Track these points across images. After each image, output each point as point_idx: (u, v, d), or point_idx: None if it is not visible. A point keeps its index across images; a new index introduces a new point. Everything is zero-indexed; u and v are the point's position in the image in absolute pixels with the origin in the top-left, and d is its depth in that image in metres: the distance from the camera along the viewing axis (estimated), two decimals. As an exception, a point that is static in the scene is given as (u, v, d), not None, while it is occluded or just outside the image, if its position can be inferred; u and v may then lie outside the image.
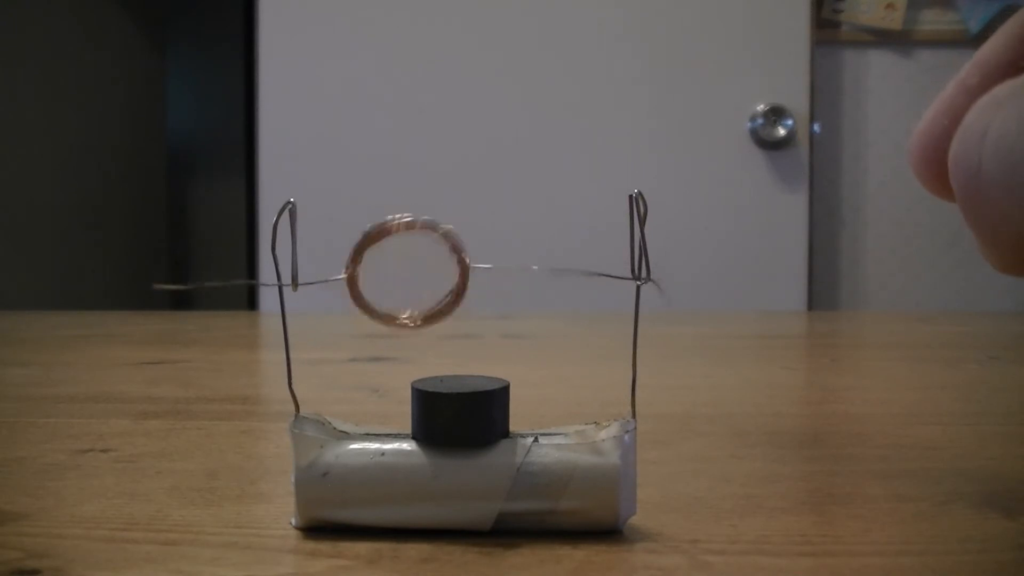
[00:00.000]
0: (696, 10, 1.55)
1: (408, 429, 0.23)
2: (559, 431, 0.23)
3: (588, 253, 1.41)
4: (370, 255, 0.22)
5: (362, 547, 0.22)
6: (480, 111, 1.56)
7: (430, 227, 0.22)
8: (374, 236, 0.22)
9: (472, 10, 1.56)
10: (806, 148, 1.56)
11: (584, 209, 1.51)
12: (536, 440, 0.22)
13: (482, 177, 1.56)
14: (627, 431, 0.22)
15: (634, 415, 0.23)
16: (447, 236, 0.22)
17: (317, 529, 0.23)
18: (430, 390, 0.22)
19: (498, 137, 1.56)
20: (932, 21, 1.65)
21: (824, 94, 1.66)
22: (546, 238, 1.54)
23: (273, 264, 0.22)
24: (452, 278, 0.22)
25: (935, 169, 0.21)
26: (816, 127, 1.62)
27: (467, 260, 0.22)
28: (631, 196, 0.21)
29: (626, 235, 0.21)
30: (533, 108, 1.56)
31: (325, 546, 0.22)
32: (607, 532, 0.22)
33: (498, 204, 1.55)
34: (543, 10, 1.56)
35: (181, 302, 2.35)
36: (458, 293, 0.22)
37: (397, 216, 0.22)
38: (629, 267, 0.22)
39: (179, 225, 2.56)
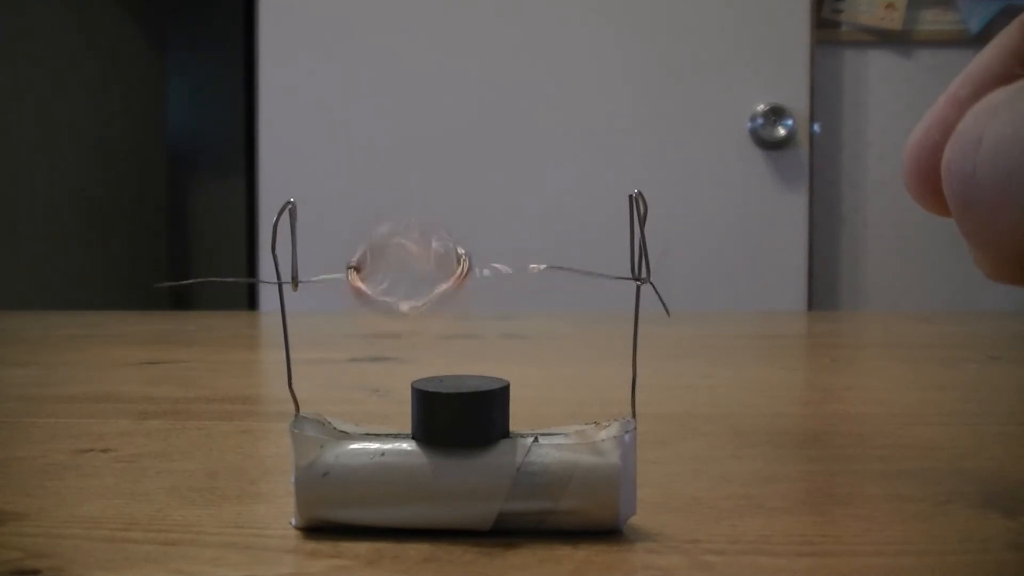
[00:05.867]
0: (696, 10, 1.55)
1: (408, 429, 0.23)
2: (559, 431, 0.23)
3: (588, 253, 1.41)
4: (370, 254, 0.22)
5: (362, 547, 0.22)
6: (480, 111, 1.56)
7: (431, 238, 0.22)
8: (374, 244, 0.22)
9: (472, 10, 1.56)
10: (806, 148, 1.56)
11: (584, 209, 1.51)
12: (536, 440, 0.22)
13: (482, 176, 1.56)
14: (627, 431, 0.22)
15: (634, 415, 0.23)
16: (450, 249, 0.22)
17: (317, 529, 0.23)
18: (430, 390, 0.22)
19: (498, 137, 1.56)
20: (932, 21, 1.65)
21: (824, 94, 1.66)
22: (546, 238, 1.54)
23: (273, 264, 0.22)
24: (453, 274, 0.22)
25: (928, 183, 0.20)
26: (816, 127, 1.62)
27: (468, 261, 0.22)
28: (631, 196, 0.21)
29: (626, 235, 0.21)
30: (533, 108, 1.56)
31: (325, 546, 0.22)
32: (607, 532, 0.22)
33: (498, 204, 1.55)
34: (543, 11, 1.56)
35: (181, 302, 2.35)
36: (460, 280, 0.22)
37: (401, 226, 0.22)
38: (629, 267, 0.22)
39: (179, 225, 2.56)
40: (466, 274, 0.22)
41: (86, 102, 1.90)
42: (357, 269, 0.22)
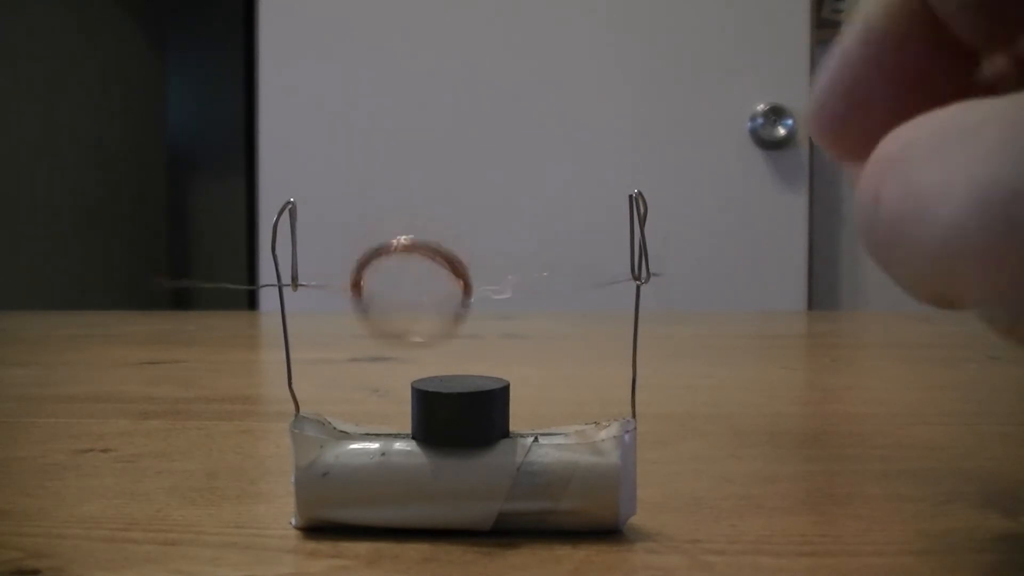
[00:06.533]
0: (696, 10, 1.55)
1: (408, 429, 0.23)
2: (559, 431, 0.23)
3: (588, 252, 1.41)
4: (371, 268, 0.22)
5: (362, 547, 0.22)
6: (480, 110, 1.56)
7: (432, 251, 0.22)
8: (374, 255, 0.22)
9: (472, 10, 1.56)
10: (806, 148, 1.56)
11: (584, 208, 1.51)
12: (536, 440, 0.22)
13: (482, 175, 1.56)
14: (627, 431, 0.22)
15: (634, 415, 0.23)
16: (450, 261, 0.22)
17: (317, 529, 0.23)
18: (430, 390, 0.22)
19: (498, 136, 1.56)
20: (932, 21, 1.65)
21: (824, 94, 1.65)
22: (547, 238, 1.54)
23: (273, 264, 0.22)
24: (454, 296, 0.22)
25: (836, 148, 0.20)
26: (816, 127, 1.62)
27: (470, 284, 0.22)
28: (631, 196, 0.21)
29: (626, 235, 0.21)
30: (533, 108, 1.56)
31: (325, 546, 0.22)
32: (607, 532, 0.22)
33: (498, 203, 1.55)
34: (543, 11, 1.56)
35: (181, 302, 2.35)
36: (458, 316, 0.22)
37: (398, 237, 0.22)
38: (629, 267, 0.22)
39: (179, 225, 2.56)
40: (467, 298, 0.22)
41: (86, 102, 1.90)
42: (357, 286, 0.22)
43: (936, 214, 0.15)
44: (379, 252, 0.22)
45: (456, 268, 0.22)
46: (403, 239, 0.22)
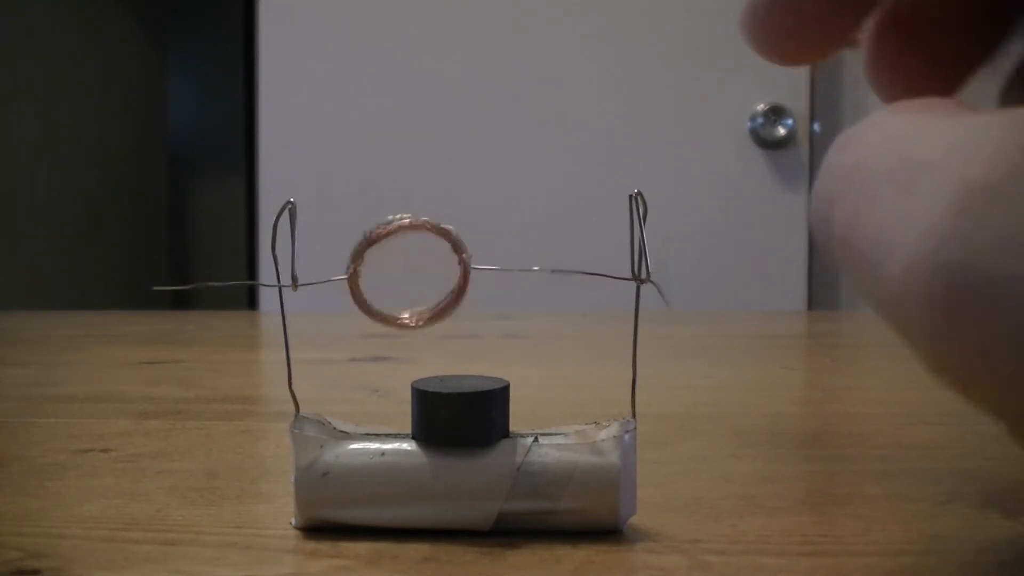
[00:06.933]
0: (696, 10, 1.55)
1: (408, 429, 0.23)
2: (559, 431, 0.23)
3: (588, 253, 1.41)
4: (371, 255, 0.22)
5: (362, 547, 0.22)
6: (481, 110, 1.56)
7: (431, 227, 0.22)
8: (375, 237, 0.22)
9: (472, 9, 1.56)
10: (806, 148, 1.56)
11: (584, 208, 1.51)
12: (536, 440, 0.22)
13: (482, 175, 1.56)
14: (627, 431, 0.22)
15: (634, 415, 0.23)
16: (448, 236, 0.22)
17: (317, 529, 0.23)
18: (430, 390, 0.22)
19: (498, 136, 1.56)
20: (932, 21, 1.64)
21: (824, 94, 1.66)
22: (546, 238, 1.54)
23: (273, 264, 0.22)
24: (453, 278, 0.22)
25: (764, 49, 0.20)
26: (816, 127, 1.62)
27: (468, 260, 0.22)
28: (631, 196, 0.21)
29: (625, 235, 0.21)
30: (533, 108, 1.56)
31: (325, 546, 0.22)
32: (607, 532, 0.22)
33: (498, 203, 1.55)
34: (544, 10, 1.56)
35: (181, 302, 2.35)
36: (458, 293, 0.22)
37: (397, 216, 0.22)
38: (629, 267, 0.22)
39: (179, 225, 2.56)
40: (467, 281, 0.22)
41: (86, 102, 1.90)
42: (355, 274, 0.22)
43: (881, 266, 0.13)
44: (380, 233, 0.22)
45: (455, 244, 0.22)
46: (404, 217, 0.22)
